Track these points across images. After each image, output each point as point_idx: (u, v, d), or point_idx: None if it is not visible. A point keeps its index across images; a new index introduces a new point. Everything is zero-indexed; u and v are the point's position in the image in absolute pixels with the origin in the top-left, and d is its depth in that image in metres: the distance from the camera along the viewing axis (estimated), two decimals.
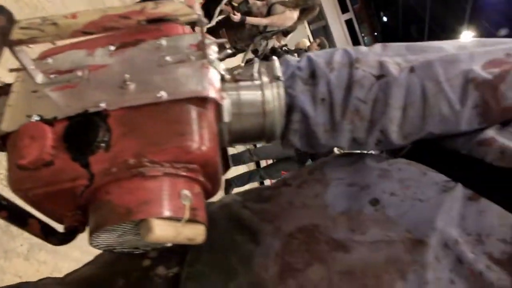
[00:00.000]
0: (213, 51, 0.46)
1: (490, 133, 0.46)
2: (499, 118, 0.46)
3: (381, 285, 0.39)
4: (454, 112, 0.46)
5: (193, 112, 0.41)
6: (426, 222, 0.41)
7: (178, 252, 0.49)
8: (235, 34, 3.36)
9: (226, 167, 0.54)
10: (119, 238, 0.43)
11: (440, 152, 0.50)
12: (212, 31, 3.34)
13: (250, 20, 3.28)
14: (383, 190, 0.45)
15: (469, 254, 0.39)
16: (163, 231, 0.38)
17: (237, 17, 3.19)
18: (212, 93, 0.42)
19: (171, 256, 0.49)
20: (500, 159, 0.43)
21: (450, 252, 0.40)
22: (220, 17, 3.24)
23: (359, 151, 0.55)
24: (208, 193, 0.47)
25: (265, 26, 3.38)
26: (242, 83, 0.47)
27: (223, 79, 0.46)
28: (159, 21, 0.41)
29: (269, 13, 3.37)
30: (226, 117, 0.45)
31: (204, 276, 0.45)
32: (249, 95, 0.46)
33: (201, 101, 0.42)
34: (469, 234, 0.40)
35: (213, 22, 3.11)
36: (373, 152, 0.55)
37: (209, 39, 0.44)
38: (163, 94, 0.41)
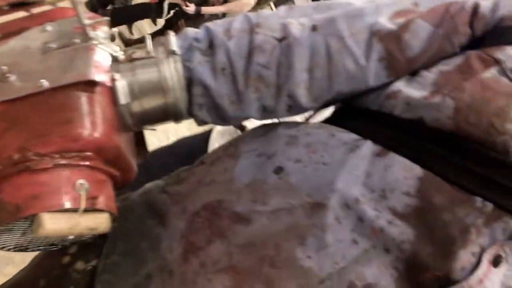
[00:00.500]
0: (102, 32, 0.43)
1: (397, 85, 0.45)
2: (406, 69, 0.45)
3: (280, 254, 0.39)
4: (360, 67, 0.45)
5: (79, 97, 0.39)
6: (326, 185, 0.40)
7: (97, 245, 0.47)
8: (194, 24, 3.31)
9: (142, 152, 0.52)
10: (24, 237, 0.41)
11: (354, 110, 0.49)
12: (171, 23, 3.29)
13: (206, 10, 3.23)
14: (288, 157, 0.44)
15: (370, 212, 0.38)
16: (55, 224, 0.37)
17: (190, 8, 3.14)
18: (99, 76, 0.40)
19: (89, 250, 0.48)
20: (407, 110, 0.43)
21: (351, 212, 0.39)
22: (173, 10, 3.18)
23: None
24: (118, 180, 0.45)
25: (224, 14, 3.34)
26: (137, 62, 0.45)
27: (116, 59, 0.44)
28: (24, 4, 0.38)
29: (226, 0, 3.32)
30: (122, 99, 0.43)
31: (118, 266, 0.44)
32: (145, 73, 0.44)
33: (88, 85, 0.40)
34: (373, 191, 0.40)
35: (164, 16, 3.05)
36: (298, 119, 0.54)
37: (92, 19, 0.42)
38: (44, 83, 0.39)
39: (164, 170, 0.55)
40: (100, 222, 0.40)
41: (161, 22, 3.37)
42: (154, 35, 0.77)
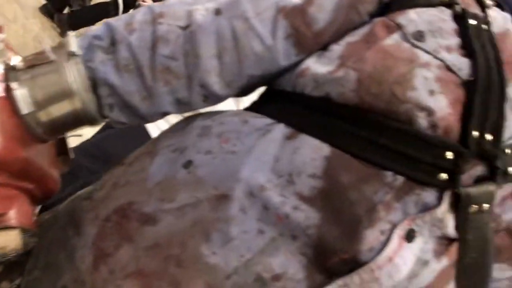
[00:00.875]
0: None
1: (307, 62, 0.44)
2: (315, 44, 0.44)
3: (186, 252, 0.38)
4: (267, 47, 0.43)
5: None
6: (231, 175, 0.39)
7: (21, 262, 0.46)
8: None
9: (66, 160, 0.51)
10: None
11: (272, 93, 0.48)
12: None
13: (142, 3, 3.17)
14: (199, 149, 0.43)
15: (276, 199, 0.38)
16: None
17: (148, 4, 3.07)
18: None
19: (14, 268, 0.46)
20: (315, 88, 0.42)
21: (256, 200, 0.38)
22: (132, 8, 3.11)
23: None
24: (36, 193, 0.44)
25: None
26: (37, 69, 0.42)
27: (14, 68, 0.42)
28: None
29: None
30: (24, 109, 0.41)
31: (38, 282, 0.43)
32: (46, 79, 0.42)
33: None
34: (281, 176, 0.39)
35: (120, 14, 2.97)
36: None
37: None
38: None
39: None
40: (10, 240, 0.39)
41: None
42: None
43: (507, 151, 0.39)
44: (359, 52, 0.40)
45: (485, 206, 0.38)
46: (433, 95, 0.38)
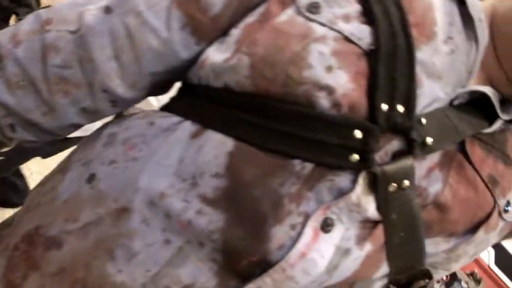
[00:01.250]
0: None
1: (207, 51, 0.40)
2: (214, 30, 0.40)
3: (91, 274, 0.35)
4: (163, 41, 0.40)
5: None
6: (130, 184, 0.36)
7: None
8: None
9: None
10: None
11: (182, 88, 0.44)
12: None
13: None
14: (103, 160, 0.39)
15: (177, 205, 0.35)
16: None
17: None
18: None
19: None
20: (214, 78, 0.38)
21: (158, 209, 0.35)
22: None
23: None
24: None
25: None
26: None
27: None
28: None
29: None
30: None
31: None
32: None
33: None
34: (184, 179, 0.36)
35: None
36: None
37: None
38: None
39: None
40: None
41: None
42: None
43: (423, 120, 0.36)
44: (252, 35, 0.37)
45: (406, 182, 0.36)
46: (331, 71, 0.34)
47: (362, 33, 0.36)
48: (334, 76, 0.34)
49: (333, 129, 0.34)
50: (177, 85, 0.47)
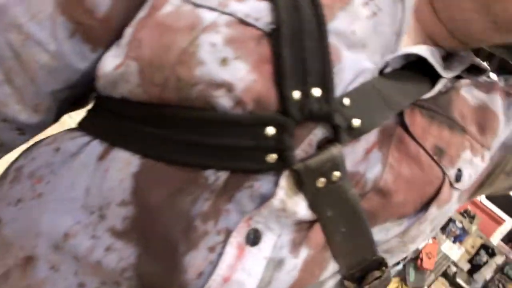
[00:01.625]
0: None
1: (103, 58, 0.35)
2: (106, 33, 0.35)
3: None
4: (53, 55, 0.34)
5: None
6: (33, 228, 0.32)
7: None
8: None
9: None
10: None
11: (94, 103, 0.39)
12: None
13: None
14: (10, 201, 0.35)
15: (84, 244, 0.30)
16: None
17: None
18: None
19: None
20: (113, 89, 0.33)
21: (64, 252, 0.31)
22: None
23: None
24: None
25: None
26: None
27: None
28: None
29: None
30: None
31: None
32: None
33: None
34: (92, 212, 0.31)
35: None
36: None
37: None
38: None
39: None
40: None
41: None
42: None
43: (346, 101, 0.31)
44: (137, 34, 0.32)
45: (336, 174, 0.31)
46: (226, 64, 0.29)
47: (260, 11, 0.31)
48: (231, 69, 0.29)
49: (242, 131, 0.30)
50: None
